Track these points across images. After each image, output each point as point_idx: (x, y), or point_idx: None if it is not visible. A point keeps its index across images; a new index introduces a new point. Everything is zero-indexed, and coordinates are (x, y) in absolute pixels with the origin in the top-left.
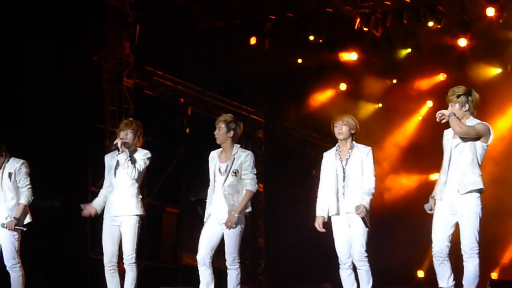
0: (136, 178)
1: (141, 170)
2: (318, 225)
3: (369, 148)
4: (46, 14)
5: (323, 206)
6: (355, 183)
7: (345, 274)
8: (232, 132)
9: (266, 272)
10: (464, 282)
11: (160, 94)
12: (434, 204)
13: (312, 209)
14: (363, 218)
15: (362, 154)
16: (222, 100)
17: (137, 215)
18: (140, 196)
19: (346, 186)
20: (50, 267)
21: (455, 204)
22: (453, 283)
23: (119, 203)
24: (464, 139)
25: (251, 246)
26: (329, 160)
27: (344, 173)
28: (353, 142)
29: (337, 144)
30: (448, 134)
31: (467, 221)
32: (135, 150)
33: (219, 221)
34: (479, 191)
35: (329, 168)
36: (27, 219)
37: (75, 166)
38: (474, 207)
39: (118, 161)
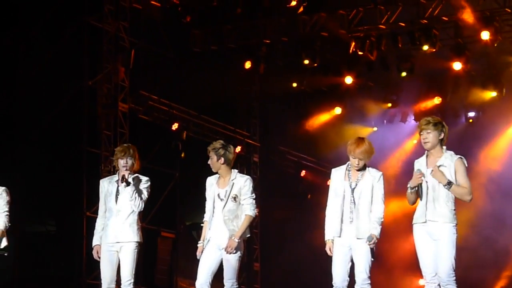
0: (142, 209)
1: (146, 199)
2: (329, 249)
3: (381, 173)
4: (41, 38)
5: (333, 229)
6: (364, 208)
7: None
8: (222, 159)
9: None
10: None
11: (155, 118)
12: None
13: (307, 233)
14: (371, 249)
15: (374, 179)
16: (217, 124)
17: (136, 241)
18: (140, 223)
19: (354, 210)
20: None
21: (434, 231)
22: None
23: (119, 229)
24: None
25: (246, 271)
26: (338, 179)
27: (352, 196)
28: (365, 165)
29: (347, 163)
30: (421, 162)
31: (445, 250)
32: (137, 178)
33: (218, 247)
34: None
35: (336, 188)
36: (4, 243)
37: (70, 190)
38: (451, 235)
39: (118, 188)
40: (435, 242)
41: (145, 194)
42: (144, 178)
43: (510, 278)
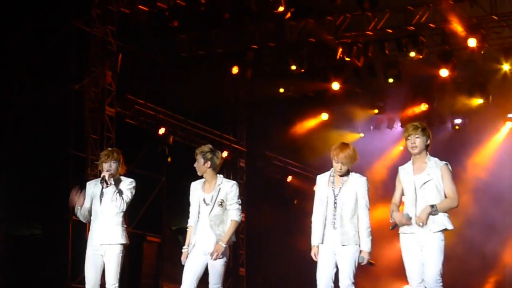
0: (124, 210)
1: (129, 201)
2: (315, 255)
3: (364, 178)
4: (28, 42)
5: (318, 235)
6: (347, 214)
7: None
8: (209, 163)
9: None
10: None
11: (142, 123)
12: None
13: (293, 238)
14: (368, 262)
15: (357, 185)
16: (204, 129)
17: (121, 244)
18: (125, 226)
19: (336, 216)
20: None
21: (422, 240)
22: None
23: (103, 231)
24: (431, 179)
25: (232, 276)
26: (322, 186)
27: (335, 202)
28: (348, 170)
29: (332, 169)
30: (407, 169)
31: (433, 256)
32: (120, 180)
33: (204, 252)
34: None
35: (321, 195)
36: None
37: (56, 194)
38: (440, 242)
39: (102, 189)
40: (423, 248)
41: (127, 195)
42: (128, 180)
43: (496, 283)
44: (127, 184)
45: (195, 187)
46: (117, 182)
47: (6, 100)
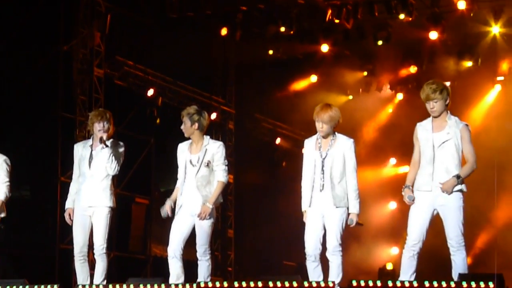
0: (117, 173)
1: (120, 163)
2: (305, 219)
3: (351, 140)
4: (16, 3)
5: (308, 199)
6: (336, 176)
7: (312, 266)
8: (196, 124)
9: (236, 263)
10: (454, 276)
11: (131, 84)
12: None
13: (281, 200)
14: (357, 222)
15: (344, 147)
16: (193, 90)
17: (109, 207)
18: (113, 188)
19: (325, 179)
20: (19, 257)
21: (439, 198)
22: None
23: (92, 194)
24: (451, 139)
25: (220, 238)
26: (309, 149)
27: (323, 165)
28: (335, 132)
29: (318, 133)
30: (426, 126)
31: (453, 215)
32: (113, 142)
33: (191, 213)
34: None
35: (308, 158)
36: (2, 214)
37: (44, 155)
38: (459, 201)
39: (92, 152)
40: (440, 208)
41: (119, 158)
42: (120, 143)
43: (487, 241)
44: (120, 147)
45: (182, 148)
46: (111, 144)
47: None
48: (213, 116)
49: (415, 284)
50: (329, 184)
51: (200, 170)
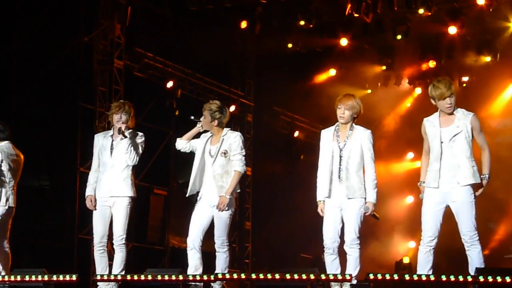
0: (136, 163)
1: (140, 153)
2: (321, 211)
3: (369, 131)
4: None
5: (324, 190)
6: (353, 167)
7: (330, 259)
8: (216, 122)
9: (253, 255)
10: (471, 270)
11: (150, 76)
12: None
13: (299, 193)
14: (373, 215)
15: (362, 137)
16: (212, 83)
17: (129, 196)
18: (133, 178)
19: (342, 169)
20: (37, 246)
21: (451, 194)
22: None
23: (113, 183)
24: (461, 131)
25: (238, 230)
26: (326, 140)
27: (340, 156)
28: (353, 124)
29: (336, 123)
30: (433, 121)
31: (465, 210)
32: (131, 132)
33: (210, 204)
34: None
35: (326, 149)
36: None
37: (64, 146)
38: (470, 196)
39: (113, 142)
40: (452, 203)
41: (139, 149)
42: (139, 134)
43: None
44: (139, 138)
45: (204, 137)
46: (130, 135)
47: (15, 52)
48: (232, 108)
49: (432, 278)
50: (345, 175)
51: (217, 160)
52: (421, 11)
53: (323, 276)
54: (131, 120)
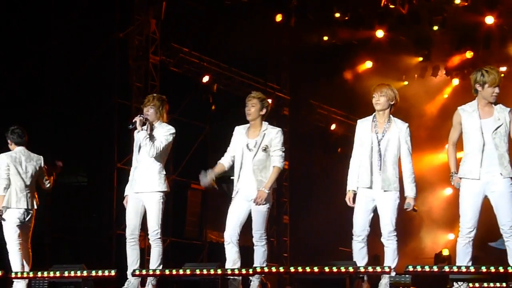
0: (154, 155)
1: (162, 147)
2: (349, 200)
3: (407, 124)
4: None
5: (355, 179)
6: (390, 160)
7: (357, 247)
8: (265, 110)
9: (291, 249)
10: (510, 261)
11: (186, 71)
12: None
13: (336, 186)
14: (413, 209)
15: (400, 130)
16: (248, 77)
17: (160, 191)
18: (164, 172)
19: (382, 161)
20: (76, 242)
21: (491, 184)
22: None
23: (142, 179)
24: (502, 124)
25: (276, 224)
26: (364, 130)
27: (379, 147)
28: (391, 115)
29: (373, 114)
30: (471, 112)
31: (505, 201)
32: (159, 126)
33: (247, 198)
34: None
35: (363, 139)
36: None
37: (101, 142)
38: (510, 187)
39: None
40: (492, 194)
41: (161, 141)
42: (167, 127)
43: None
44: (165, 131)
45: (239, 131)
46: (154, 128)
47: (51, 50)
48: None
49: (472, 269)
50: (382, 167)
51: (257, 154)
52: (457, 1)
53: (362, 269)
54: (161, 115)
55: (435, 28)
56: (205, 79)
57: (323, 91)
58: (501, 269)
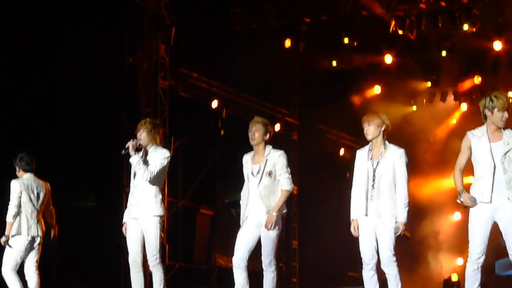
0: (149, 180)
1: (156, 171)
2: (354, 229)
3: (402, 150)
4: (82, 16)
5: (357, 208)
6: (385, 186)
7: (368, 275)
8: (268, 135)
9: (300, 274)
10: None
11: (195, 96)
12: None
13: (345, 212)
14: (403, 235)
15: (395, 157)
16: (257, 102)
17: (156, 215)
18: (160, 196)
19: (375, 189)
20: (85, 267)
21: (500, 210)
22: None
23: (138, 204)
24: (511, 150)
25: (285, 249)
26: (361, 160)
27: (374, 175)
28: (386, 142)
29: (370, 143)
30: (481, 136)
31: None
32: (153, 151)
33: (256, 224)
34: None
35: (360, 168)
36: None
37: (110, 166)
38: None
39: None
40: (501, 219)
41: (155, 165)
42: (161, 151)
43: None
44: (159, 155)
45: (246, 159)
46: (147, 152)
47: (60, 73)
48: (277, 127)
49: None
50: (377, 194)
51: (262, 180)
52: (465, 27)
53: None
54: (154, 138)
55: (444, 53)
56: (214, 104)
57: (332, 116)
58: None
